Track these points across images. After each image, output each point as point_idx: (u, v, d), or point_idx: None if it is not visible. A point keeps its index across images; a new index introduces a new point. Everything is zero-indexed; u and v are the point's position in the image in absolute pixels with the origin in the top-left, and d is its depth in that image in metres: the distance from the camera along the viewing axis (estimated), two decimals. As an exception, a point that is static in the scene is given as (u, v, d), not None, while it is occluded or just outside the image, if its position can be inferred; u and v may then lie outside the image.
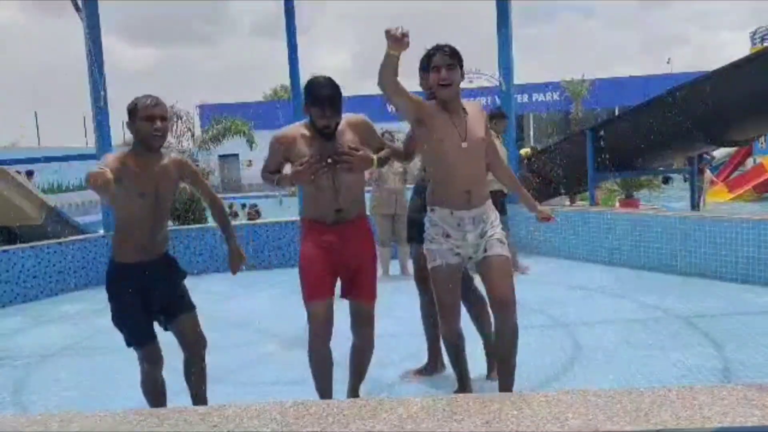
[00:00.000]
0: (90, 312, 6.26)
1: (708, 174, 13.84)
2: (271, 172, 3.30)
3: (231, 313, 5.92)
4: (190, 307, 3.29)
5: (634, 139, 8.13)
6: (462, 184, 3.13)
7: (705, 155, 11.41)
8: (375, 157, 3.21)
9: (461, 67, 3.12)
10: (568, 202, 10.26)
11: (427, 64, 3.16)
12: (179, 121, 13.36)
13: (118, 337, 3.19)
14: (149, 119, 3.00)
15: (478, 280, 3.39)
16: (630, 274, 6.56)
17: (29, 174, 14.06)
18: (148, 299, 3.13)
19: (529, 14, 75.25)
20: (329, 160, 3.06)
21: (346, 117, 3.21)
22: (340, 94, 3.11)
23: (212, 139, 14.27)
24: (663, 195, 13.66)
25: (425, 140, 3.12)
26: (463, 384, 3.41)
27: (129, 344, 3.17)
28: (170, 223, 10.38)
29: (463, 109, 3.16)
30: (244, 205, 16.20)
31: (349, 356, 3.40)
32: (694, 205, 9.22)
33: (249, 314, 5.81)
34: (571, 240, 7.41)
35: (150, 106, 3.01)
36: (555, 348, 4.36)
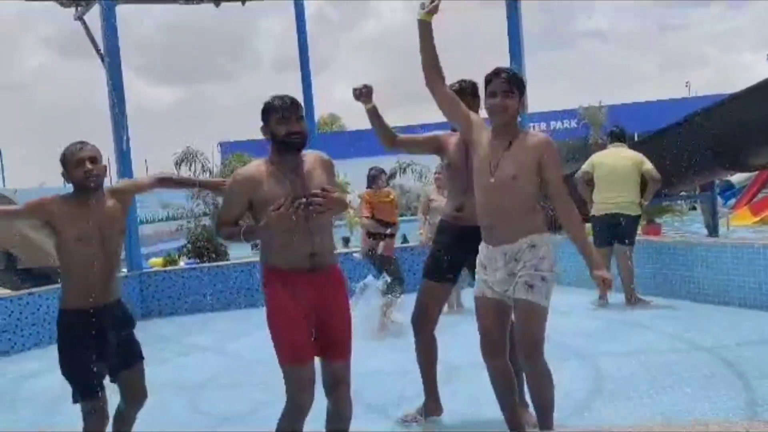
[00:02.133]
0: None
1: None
2: (228, 224, 2.89)
3: (253, 350, 5.92)
4: (140, 358, 3.24)
5: (655, 164, 8.06)
6: (484, 218, 3.08)
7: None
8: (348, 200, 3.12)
9: (521, 94, 3.02)
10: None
11: (486, 88, 3.05)
12: (195, 161, 13.51)
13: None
14: (79, 164, 2.97)
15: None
16: (652, 302, 6.47)
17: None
18: (99, 348, 3.03)
19: (547, 40, 75.53)
20: (304, 200, 2.69)
21: (316, 153, 3.00)
22: (299, 103, 2.87)
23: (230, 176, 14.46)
24: (687, 219, 13.51)
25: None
26: (513, 424, 3.22)
27: (75, 399, 3.04)
28: (194, 260, 10.57)
29: (511, 141, 3.01)
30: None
31: (326, 425, 3.01)
32: (710, 231, 9.08)
33: (271, 351, 5.80)
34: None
35: (76, 151, 3.00)
36: (578, 380, 4.30)
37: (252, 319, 7.51)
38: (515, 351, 3.27)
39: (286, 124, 2.79)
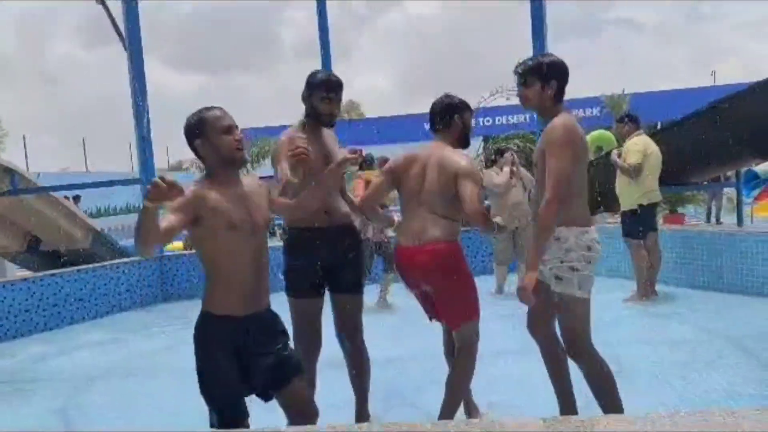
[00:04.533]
0: (131, 335, 6.38)
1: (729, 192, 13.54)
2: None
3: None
4: (300, 370, 2.69)
5: (677, 152, 7.94)
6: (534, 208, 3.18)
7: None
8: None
9: (545, 79, 2.95)
10: (609, 219, 10.08)
11: None
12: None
13: (156, 360, 3.21)
14: (228, 131, 2.49)
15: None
16: (675, 292, 6.39)
17: (76, 199, 14.45)
18: (248, 364, 2.53)
19: (574, 28, 74.65)
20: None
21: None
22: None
23: (253, 160, 14.42)
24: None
25: None
26: (565, 404, 3.20)
27: (212, 424, 2.53)
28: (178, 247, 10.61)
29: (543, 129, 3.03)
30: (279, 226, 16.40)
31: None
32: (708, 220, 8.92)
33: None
34: (613, 257, 7.26)
35: (222, 116, 2.51)
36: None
37: (275, 301, 7.55)
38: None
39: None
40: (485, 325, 3.28)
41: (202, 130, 2.50)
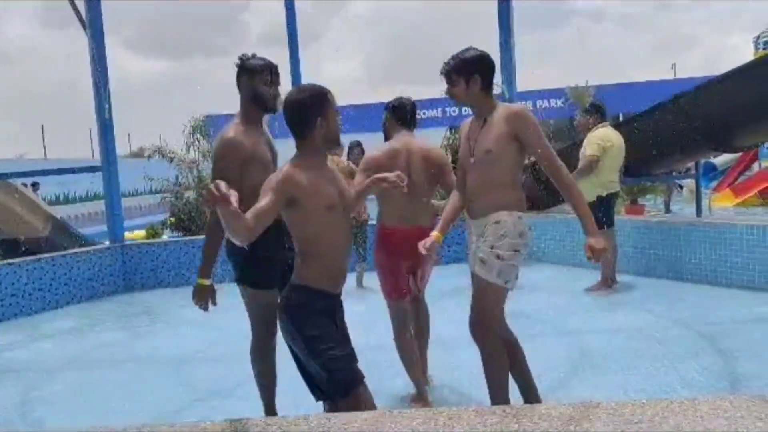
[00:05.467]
0: (93, 325, 6.28)
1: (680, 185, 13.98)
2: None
3: (237, 325, 5.91)
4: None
5: (638, 145, 8.09)
6: (469, 195, 3.19)
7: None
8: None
9: (469, 74, 3.07)
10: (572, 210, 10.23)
11: None
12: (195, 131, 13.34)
13: (120, 350, 3.19)
14: (338, 113, 2.57)
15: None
16: (636, 282, 6.53)
17: (34, 186, 14.13)
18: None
19: (539, 19, 75.23)
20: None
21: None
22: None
23: None
24: (676, 200, 13.65)
25: None
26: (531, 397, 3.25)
27: (338, 393, 2.50)
28: (177, 234, 10.49)
29: (486, 119, 3.09)
30: None
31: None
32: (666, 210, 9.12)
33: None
34: (576, 248, 7.38)
35: (332, 96, 2.55)
36: (559, 357, 4.34)
37: (236, 293, 7.50)
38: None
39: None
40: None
41: (325, 107, 2.52)
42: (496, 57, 8.48)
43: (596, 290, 6.25)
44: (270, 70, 3.21)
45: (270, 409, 3.38)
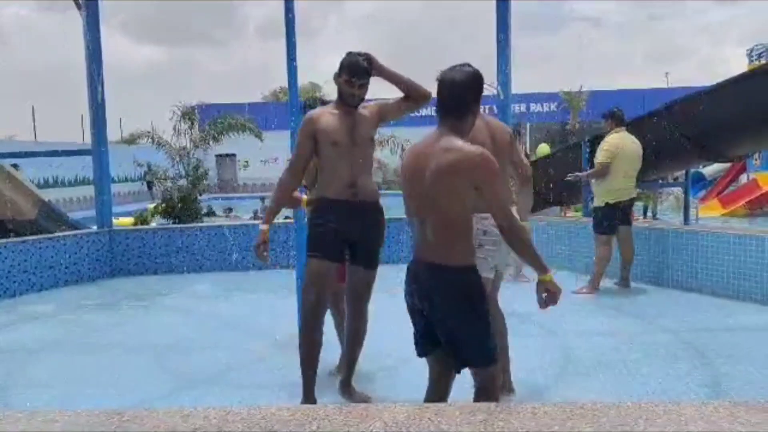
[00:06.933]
0: (77, 309, 6.24)
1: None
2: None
3: (223, 313, 5.91)
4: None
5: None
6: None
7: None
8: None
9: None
10: (570, 214, 10.27)
11: None
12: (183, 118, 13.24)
13: (105, 336, 3.17)
14: None
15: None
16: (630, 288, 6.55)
17: (14, 168, 13.94)
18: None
19: (536, 24, 75.33)
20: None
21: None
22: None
23: (214, 137, 14.04)
24: (662, 208, 13.73)
25: None
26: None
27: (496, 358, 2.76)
28: (166, 221, 10.44)
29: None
30: (230, 210, 16.46)
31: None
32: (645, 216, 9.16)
33: (240, 315, 5.80)
34: (564, 251, 7.40)
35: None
36: (544, 359, 4.35)
37: (222, 281, 7.55)
38: None
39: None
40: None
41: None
42: (493, 57, 8.48)
43: (584, 292, 6.29)
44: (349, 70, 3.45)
45: (308, 394, 3.41)
